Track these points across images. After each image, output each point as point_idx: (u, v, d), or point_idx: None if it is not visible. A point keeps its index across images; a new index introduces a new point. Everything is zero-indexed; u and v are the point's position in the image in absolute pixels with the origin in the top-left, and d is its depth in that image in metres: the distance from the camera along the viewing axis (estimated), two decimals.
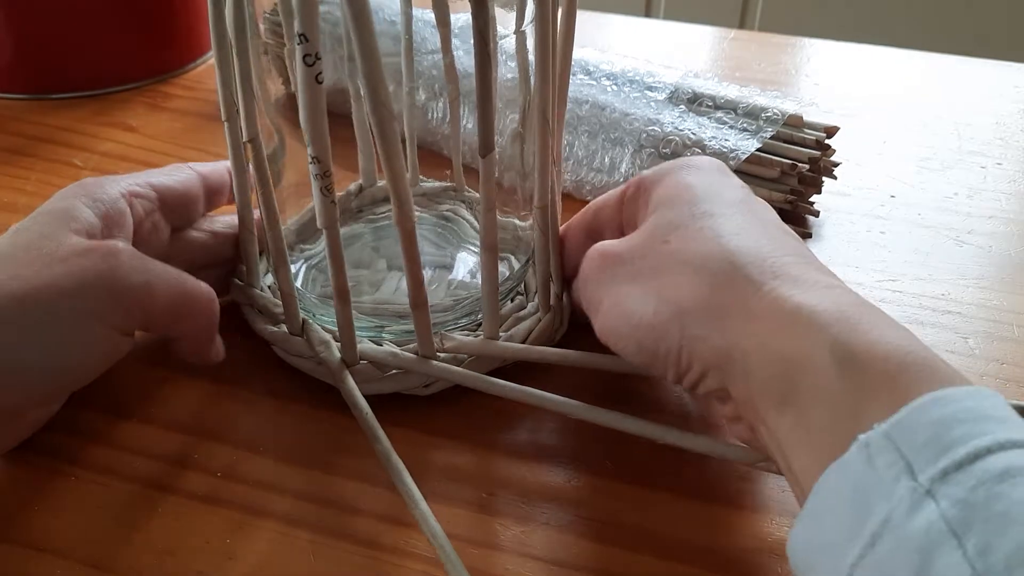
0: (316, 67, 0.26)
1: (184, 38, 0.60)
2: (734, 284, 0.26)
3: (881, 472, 0.20)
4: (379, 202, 0.41)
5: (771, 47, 0.66)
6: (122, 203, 0.33)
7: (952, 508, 0.19)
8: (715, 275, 0.26)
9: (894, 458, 0.20)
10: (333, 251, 0.31)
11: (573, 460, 0.33)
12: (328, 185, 0.29)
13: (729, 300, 0.26)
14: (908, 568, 0.19)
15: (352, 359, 0.33)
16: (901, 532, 0.20)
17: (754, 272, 0.26)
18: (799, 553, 0.23)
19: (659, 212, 0.30)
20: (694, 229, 0.28)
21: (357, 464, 0.32)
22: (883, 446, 0.21)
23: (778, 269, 0.26)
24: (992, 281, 0.42)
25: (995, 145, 0.54)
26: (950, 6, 1.24)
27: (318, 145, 0.28)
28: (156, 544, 0.29)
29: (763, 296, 0.25)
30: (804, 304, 0.24)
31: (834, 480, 0.22)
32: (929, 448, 0.20)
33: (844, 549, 0.21)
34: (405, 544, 0.29)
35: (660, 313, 0.27)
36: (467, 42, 0.30)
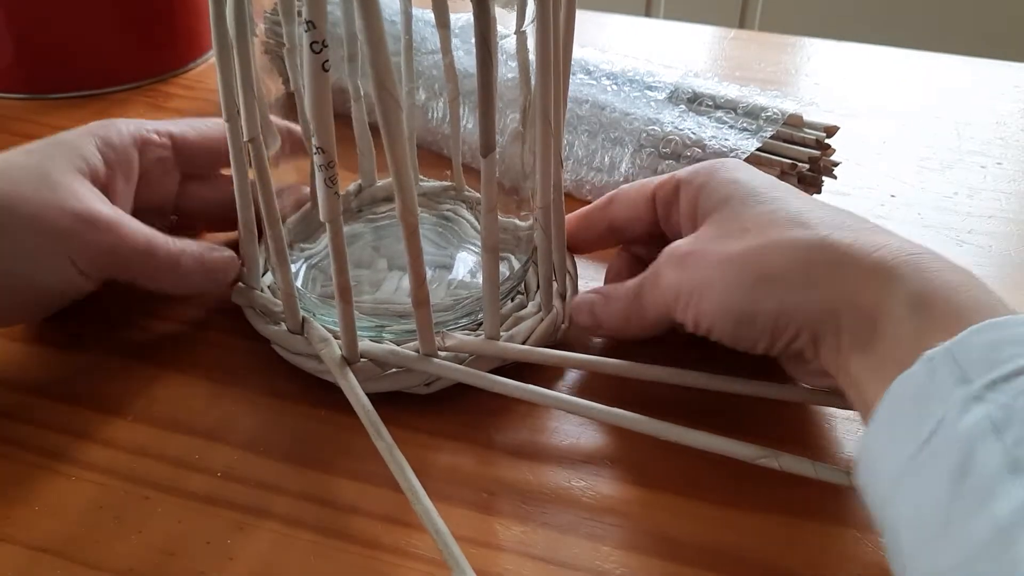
0: (323, 55, 0.26)
1: (184, 38, 0.60)
2: (823, 252, 0.29)
3: (940, 381, 0.24)
4: (379, 202, 0.41)
5: (771, 47, 0.66)
6: (132, 151, 0.36)
7: (997, 411, 0.22)
8: (803, 249, 0.29)
9: (952, 369, 0.24)
10: (336, 245, 0.31)
11: (574, 460, 0.33)
12: (332, 176, 0.29)
13: (820, 268, 0.28)
14: (955, 456, 0.22)
15: (353, 356, 0.33)
16: (951, 429, 0.23)
17: (835, 239, 0.29)
18: (865, 456, 0.26)
19: (723, 208, 0.32)
20: (766, 214, 0.31)
21: (358, 464, 0.32)
22: (944, 359, 0.24)
23: (850, 233, 0.29)
24: (992, 281, 0.42)
25: (995, 145, 0.54)
26: (951, 6, 1.24)
27: (323, 135, 0.28)
28: (156, 545, 0.29)
29: (847, 259, 0.28)
30: (881, 261, 0.27)
31: (900, 389, 0.25)
32: (983, 363, 0.23)
33: (904, 446, 0.24)
34: (406, 544, 0.29)
35: (758, 290, 0.29)
36: (467, 42, 0.30)
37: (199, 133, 0.38)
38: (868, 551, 0.29)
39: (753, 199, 0.32)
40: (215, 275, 0.36)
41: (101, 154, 0.35)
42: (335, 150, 0.28)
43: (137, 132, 0.37)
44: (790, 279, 0.29)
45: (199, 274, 0.35)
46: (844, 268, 0.28)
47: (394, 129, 0.27)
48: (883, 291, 0.27)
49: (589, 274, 0.42)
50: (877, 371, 0.27)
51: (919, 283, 0.27)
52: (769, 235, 0.30)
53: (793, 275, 0.29)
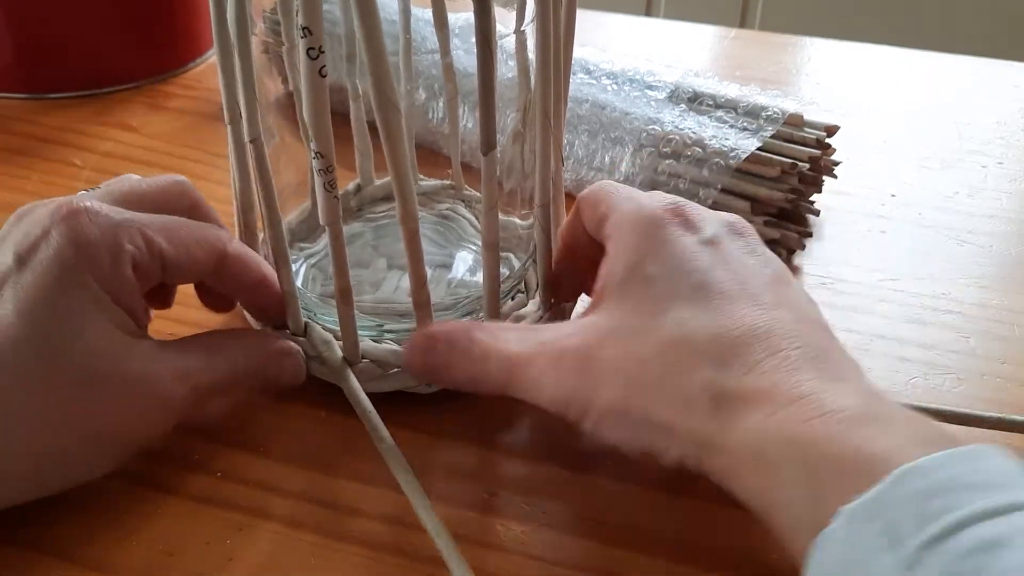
0: (320, 60, 0.26)
1: (184, 38, 0.59)
2: (714, 422, 0.26)
3: (868, 541, 0.21)
4: (378, 201, 0.41)
5: (771, 46, 0.66)
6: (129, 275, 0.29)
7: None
8: (693, 416, 0.26)
9: (880, 528, 0.21)
10: (336, 248, 0.31)
11: (575, 460, 0.32)
12: (331, 181, 0.29)
13: (712, 438, 0.26)
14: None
15: (354, 357, 0.33)
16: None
17: (725, 410, 0.26)
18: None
19: (622, 316, 0.29)
20: (663, 349, 0.27)
21: (358, 465, 0.32)
22: (867, 516, 0.21)
23: (743, 396, 0.26)
24: (993, 280, 0.42)
25: (996, 144, 0.54)
26: (951, 6, 1.24)
27: (321, 140, 0.28)
28: (156, 545, 0.29)
29: (735, 436, 0.25)
30: (767, 436, 0.25)
31: (819, 554, 0.22)
32: (912, 520, 0.21)
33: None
34: (406, 545, 0.29)
35: (658, 441, 0.27)
36: (467, 41, 0.30)
37: (187, 253, 0.31)
38: None
39: (648, 312, 0.28)
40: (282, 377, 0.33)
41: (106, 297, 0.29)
42: (334, 155, 0.28)
43: (125, 256, 0.29)
44: (679, 432, 0.26)
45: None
46: (725, 440, 0.25)
47: (395, 136, 0.27)
48: (769, 471, 0.24)
49: None
50: (781, 519, 0.24)
51: (810, 446, 0.24)
52: (654, 377, 0.27)
53: (682, 430, 0.26)
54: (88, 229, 0.28)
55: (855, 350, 0.37)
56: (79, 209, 0.28)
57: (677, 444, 0.27)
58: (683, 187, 0.44)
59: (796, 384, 0.25)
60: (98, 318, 0.28)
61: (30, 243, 0.28)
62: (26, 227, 0.29)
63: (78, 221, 0.28)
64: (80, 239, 0.28)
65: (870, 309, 0.40)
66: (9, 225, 0.30)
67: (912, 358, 0.37)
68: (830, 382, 0.25)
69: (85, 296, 0.28)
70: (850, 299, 0.41)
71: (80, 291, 0.28)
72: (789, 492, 0.24)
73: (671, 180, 0.44)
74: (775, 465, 0.24)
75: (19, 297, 0.27)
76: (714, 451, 0.26)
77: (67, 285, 0.28)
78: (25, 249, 0.28)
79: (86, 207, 0.29)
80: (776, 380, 0.26)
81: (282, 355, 0.33)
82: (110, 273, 0.28)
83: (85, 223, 0.28)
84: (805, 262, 0.43)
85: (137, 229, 0.29)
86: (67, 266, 0.28)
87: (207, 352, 0.31)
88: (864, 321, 0.39)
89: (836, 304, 0.40)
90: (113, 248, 0.28)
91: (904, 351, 0.38)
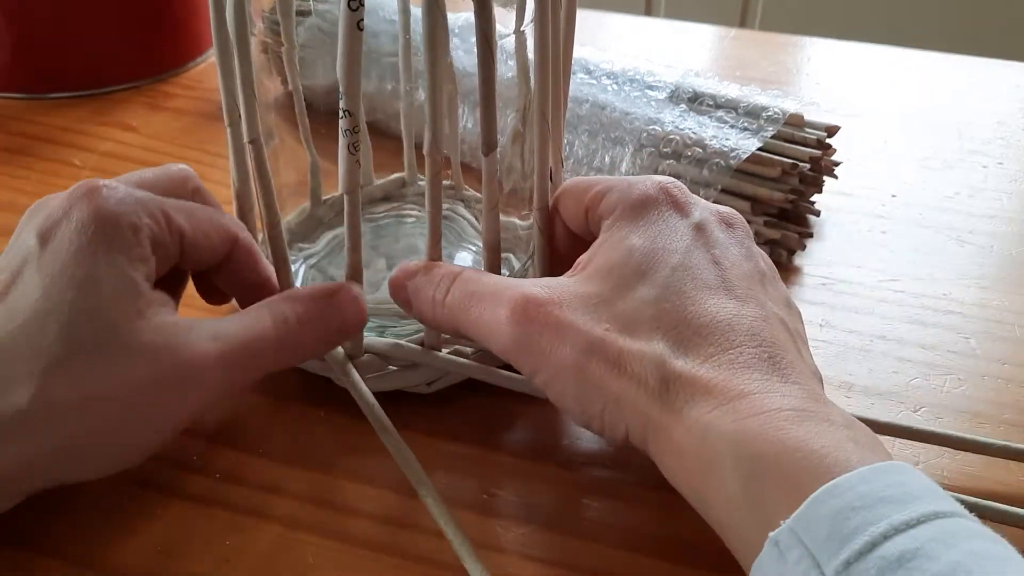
0: (359, 13, 0.26)
1: (184, 37, 0.59)
2: (662, 403, 0.26)
3: (792, 567, 0.21)
4: (377, 201, 0.41)
5: (772, 46, 0.66)
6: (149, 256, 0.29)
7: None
8: (644, 393, 0.26)
9: (801, 553, 0.21)
10: (352, 220, 0.30)
11: (575, 461, 0.32)
12: (355, 142, 0.28)
13: (660, 419, 0.26)
14: None
15: (357, 351, 0.33)
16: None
17: (674, 394, 0.26)
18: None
19: (595, 283, 0.29)
20: (627, 322, 0.28)
21: (358, 465, 0.32)
22: (790, 542, 0.22)
23: (692, 385, 0.26)
24: (993, 281, 0.42)
25: (996, 144, 0.54)
26: (951, 6, 1.24)
27: (351, 96, 0.28)
28: (156, 546, 0.29)
29: (680, 423, 0.26)
30: (709, 428, 0.25)
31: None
32: (831, 541, 0.21)
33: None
34: (407, 546, 0.29)
35: (605, 413, 0.27)
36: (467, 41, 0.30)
37: (204, 234, 0.31)
38: None
39: (627, 284, 0.28)
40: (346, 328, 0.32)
41: (140, 272, 0.29)
42: (362, 114, 0.28)
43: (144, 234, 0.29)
44: (632, 411, 0.26)
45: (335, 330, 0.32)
46: (674, 431, 0.26)
47: (440, 45, 0.27)
48: (710, 470, 0.25)
49: None
50: (723, 534, 0.25)
51: (747, 451, 0.24)
52: (618, 350, 0.27)
53: (634, 408, 0.26)
54: (108, 204, 0.28)
55: (855, 350, 0.38)
56: (97, 187, 0.29)
57: (625, 420, 0.27)
58: None
59: (743, 382, 0.26)
60: (120, 290, 0.27)
61: (52, 222, 0.28)
62: (47, 211, 0.29)
63: (98, 197, 0.28)
64: (100, 213, 0.28)
65: (870, 309, 0.40)
66: (25, 218, 0.30)
67: (912, 358, 0.37)
68: (778, 383, 0.26)
69: (107, 268, 0.27)
70: (850, 299, 0.41)
71: (102, 263, 0.27)
72: (728, 490, 0.24)
73: None
74: (714, 459, 0.24)
75: (43, 273, 0.27)
76: (660, 434, 0.26)
77: (88, 257, 0.27)
78: (47, 228, 0.28)
79: (104, 184, 0.29)
80: (725, 375, 0.26)
81: (334, 299, 0.31)
82: (131, 245, 0.28)
83: (104, 198, 0.28)
84: (805, 262, 0.43)
85: (157, 205, 0.29)
86: (89, 240, 0.27)
87: (243, 316, 0.30)
88: (864, 321, 0.39)
89: (836, 304, 0.40)
90: (133, 222, 0.28)
91: (904, 351, 0.38)
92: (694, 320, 0.27)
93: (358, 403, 0.32)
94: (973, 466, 0.32)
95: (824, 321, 0.39)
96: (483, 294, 0.29)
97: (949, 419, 0.35)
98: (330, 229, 0.40)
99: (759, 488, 0.23)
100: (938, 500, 0.22)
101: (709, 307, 0.27)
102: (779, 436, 0.24)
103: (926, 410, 0.35)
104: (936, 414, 0.35)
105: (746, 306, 0.28)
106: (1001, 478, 0.32)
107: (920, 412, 0.35)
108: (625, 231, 0.30)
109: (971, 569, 0.20)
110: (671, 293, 0.28)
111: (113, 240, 0.28)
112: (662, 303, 0.28)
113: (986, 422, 0.34)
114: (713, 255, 0.29)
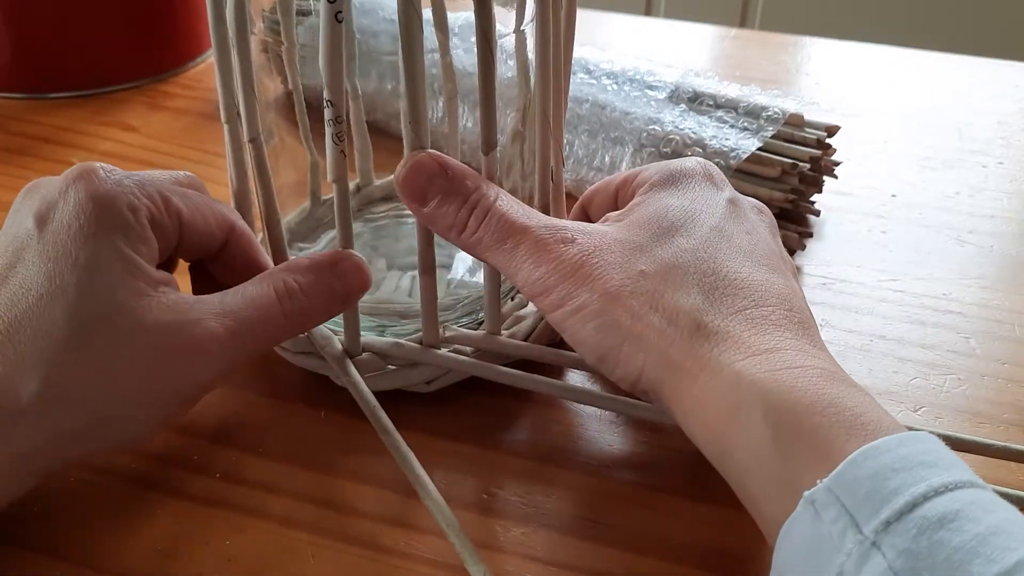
0: (337, 4, 0.26)
1: (184, 37, 0.59)
2: (690, 346, 0.26)
3: (828, 527, 0.21)
4: (376, 202, 0.41)
5: (772, 46, 0.66)
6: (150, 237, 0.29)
7: (898, 559, 0.20)
8: (672, 333, 0.27)
9: (839, 512, 0.21)
10: (341, 207, 0.30)
11: (574, 461, 0.32)
12: (340, 133, 0.28)
13: (684, 362, 0.26)
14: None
15: (355, 349, 0.33)
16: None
17: (704, 339, 0.26)
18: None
19: (633, 230, 0.29)
20: (663, 266, 0.28)
21: (357, 465, 0.32)
22: (827, 501, 0.22)
23: (724, 333, 0.26)
24: (993, 281, 0.42)
25: (996, 144, 0.54)
26: (952, 6, 1.24)
27: (334, 88, 0.28)
28: (155, 546, 0.29)
29: (707, 368, 0.26)
30: (741, 375, 0.25)
31: (787, 538, 0.23)
32: (870, 500, 0.21)
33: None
34: (406, 545, 0.29)
35: (626, 347, 0.27)
36: (466, 40, 0.30)
37: (202, 218, 0.31)
38: None
39: (664, 238, 0.29)
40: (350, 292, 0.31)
41: (141, 254, 0.28)
42: (344, 105, 0.28)
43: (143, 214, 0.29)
44: (656, 356, 0.27)
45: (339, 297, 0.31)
46: (702, 376, 0.26)
47: (414, 44, 0.27)
48: (737, 413, 0.25)
49: None
50: (745, 495, 0.25)
51: (779, 400, 0.24)
52: (651, 296, 0.27)
53: (658, 355, 0.27)
54: (105, 185, 0.28)
55: (855, 350, 0.38)
56: (93, 168, 0.28)
57: (645, 358, 0.27)
58: None
59: (776, 339, 0.26)
60: (123, 270, 0.27)
61: (48, 204, 0.28)
62: (42, 192, 0.29)
63: (94, 178, 0.28)
64: (98, 192, 0.28)
65: (870, 309, 0.40)
66: (19, 200, 0.29)
67: (912, 358, 0.37)
68: (808, 345, 0.26)
69: (108, 249, 0.27)
70: (850, 299, 0.41)
71: (103, 244, 0.27)
72: (755, 437, 0.24)
73: None
74: (742, 406, 0.24)
75: (42, 256, 0.27)
76: (683, 377, 0.26)
77: (89, 239, 0.27)
78: (44, 210, 0.28)
79: (100, 166, 0.29)
80: (758, 330, 0.26)
81: (338, 266, 0.31)
82: (131, 225, 0.28)
83: (101, 178, 0.28)
84: (805, 262, 0.43)
85: (154, 187, 0.29)
86: (88, 220, 0.27)
87: (248, 290, 0.30)
88: (864, 321, 0.39)
89: (836, 304, 0.40)
90: (132, 202, 0.28)
91: (904, 351, 0.38)
92: (730, 274, 0.28)
93: (358, 402, 0.32)
94: (973, 467, 0.32)
95: (824, 321, 0.39)
96: (518, 232, 0.29)
97: (949, 419, 0.35)
98: (330, 228, 0.40)
99: (790, 439, 0.23)
100: (969, 472, 0.22)
101: (743, 268, 0.28)
102: (815, 390, 0.24)
103: (926, 410, 0.35)
104: (936, 414, 0.35)
105: (776, 276, 0.29)
106: (1002, 478, 0.32)
107: (920, 412, 0.35)
108: (663, 193, 0.31)
109: (1012, 532, 0.20)
110: (709, 247, 0.29)
111: (112, 221, 0.28)
112: (699, 253, 0.28)
113: (986, 422, 0.34)
114: (744, 228, 0.30)
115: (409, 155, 0.30)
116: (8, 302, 0.26)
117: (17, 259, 0.27)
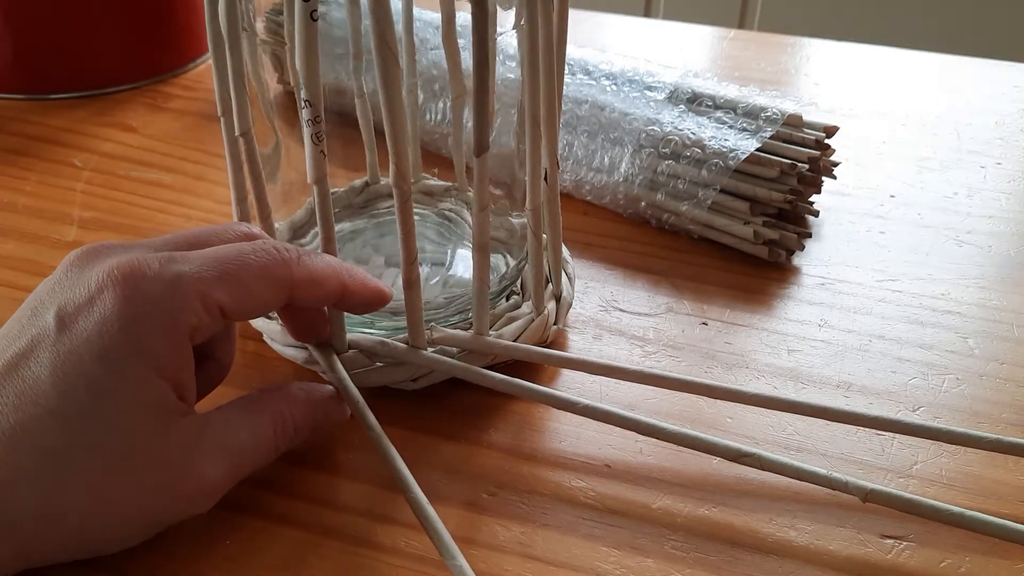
0: (312, 3, 0.26)
1: (183, 38, 0.60)
2: None
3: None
4: (383, 197, 0.41)
5: (771, 47, 0.66)
6: (188, 363, 0.27)
7: None
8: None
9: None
10: (322, 208, 0.30)
11: (572, 460, 0.32)
12: (319, 132, 0.28)
13: None
14: None
15: (341, 346, 0.33)
16: None
17: None
18: None
19: None
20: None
21: (349, 461, 0.32)
22: None
23: None
24: (992, 281, 0.42)
25: (995, 145, 0.54)
26: (950, 6, 1.24)
27: (311, 87, 0.28)
28: (155, 546, 0.29)
29: None
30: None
31: None
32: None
33: None
34: (402, 543, 0.29)
35: None
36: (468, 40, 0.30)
37: (250, 296, 0.28)
38: (869, 552, 0.29)
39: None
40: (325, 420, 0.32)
41: (168, 382, 0.27)
42: (322, 104, 0.28)
43: (185, 325, 0.27)
44: None
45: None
46: None
47: (392, 86, 0.27)
48: None
49: (588, 274, 0.42)
50: None
51: None
52: None
53: None
54: (137, 301, 0.26)
55: (854, 350, 0.38)
56: (134, 273, 0.26)
57: None
58: (682, 188, 0.44)
59: None
60: (138, 398, 0.26)
61: (76, 306, 0.26)
62: (78, 283, 0.27)
63: (130, 288, 0.26)
64: (129, 315, 0.26)
65: (869, 309, 0.40)
66: (64, 268, 0.28)
67: (911, 358, 0.37)
68: None
69: (126, 375, 0.25)
70: (849, 299, 0.41)
71: (121, 369, 0.25)
72: None
73: (670, 181, 0.44)
74: None
75: (56, 365, 0.25)
76: None
77: (108, 362, 0.25)
78: (70, 312, 0.26)
79: (144, 267, 0.26)
80: None
81: (326, 402, 0.32)
82: (160, 350, 0.26)
83: (135, 290, 0.26)
84: (804, 262, 0.43)
85: (194, 291, 0.26)
86: (112, 343, 0.25)
87: (251, 425, 0.29)
88: (863, 321, 0.39)
89: (835, 304, 0.40)
90: (167, 324, 0.26)
91: (903, 351, 0.38)
92: None
93: (344, 398, 0.32)
94: (972, 465, 0.33)
95: (823, 321, 0.39)
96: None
97: (947, 419, 0.35)
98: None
99: None
100: None
101: None
102: None
103: (924, 410, 0.35)
104: (934, 414, 0.35)
105: None
106: (999, 477, 0.32)
107: (919, 412, 0.35)
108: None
109: None
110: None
111: (139, 345, 0.26)
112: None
113: (984, 422, 0.34)
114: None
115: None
116: (14, 400, 0.25)
117: (32, 350, 0.26)
